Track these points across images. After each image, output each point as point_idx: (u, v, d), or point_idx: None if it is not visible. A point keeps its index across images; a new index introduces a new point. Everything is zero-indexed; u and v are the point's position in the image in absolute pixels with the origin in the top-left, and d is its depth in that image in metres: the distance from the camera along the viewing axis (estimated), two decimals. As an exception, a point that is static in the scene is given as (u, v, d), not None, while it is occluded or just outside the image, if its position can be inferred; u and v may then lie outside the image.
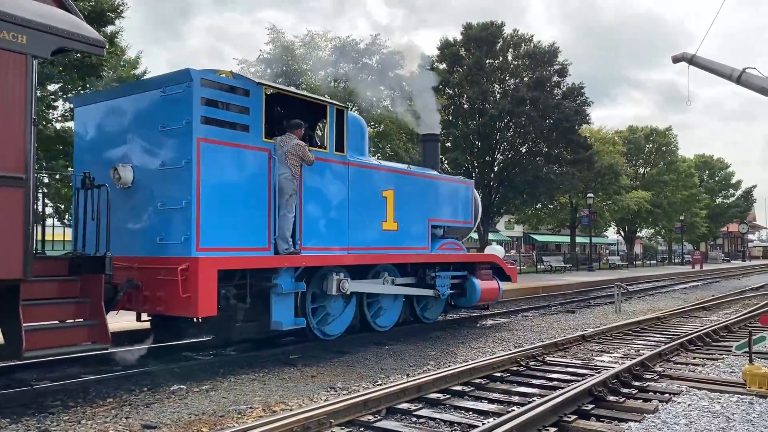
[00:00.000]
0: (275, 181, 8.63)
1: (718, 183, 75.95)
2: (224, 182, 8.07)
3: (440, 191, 12.42)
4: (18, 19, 5.92)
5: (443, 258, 12.31)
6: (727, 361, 9.11)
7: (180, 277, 7.40)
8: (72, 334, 6.67)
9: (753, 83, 16.41)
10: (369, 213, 10.53)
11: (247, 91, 8.47)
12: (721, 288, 26.85)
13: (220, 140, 8.03)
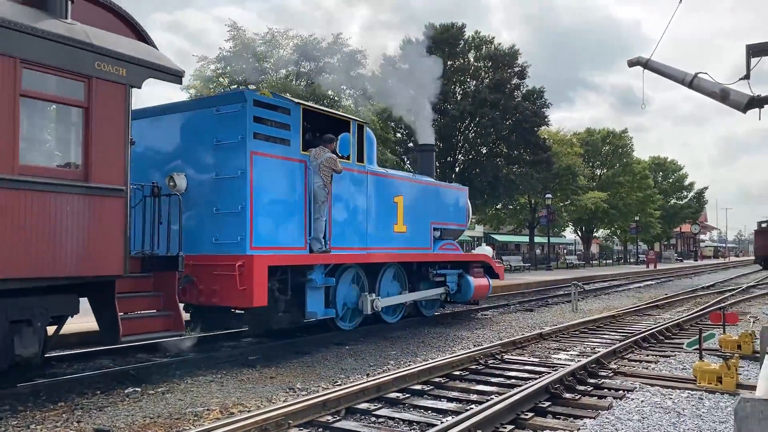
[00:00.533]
0: (310, 188, 9.83)
1: (671, 185, 77.99)
2: (271, 190, 9.26)
3: (440, 196, 13.83)
4: (119, 55, 6.99)
5: (444, 257, 13.52)
6: (679, 357, 9.36)
7: (237, 272, 8.45)
8: (154, 323, 7.74)
9: (704, 87, 16.91)
10: (383, 217, 11.83)
11: (288, 109, 9.68)
12: (674, 287, 27.59)
13: (267, 153, 9.20)
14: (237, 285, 8.46)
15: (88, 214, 6.76)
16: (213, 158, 9.18)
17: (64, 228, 6.55)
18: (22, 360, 6.63)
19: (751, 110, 16.34)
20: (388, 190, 12.06)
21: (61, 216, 6.53)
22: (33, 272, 6.30)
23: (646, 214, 62.64)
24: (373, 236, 11.48)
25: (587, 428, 5.73)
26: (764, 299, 20.39)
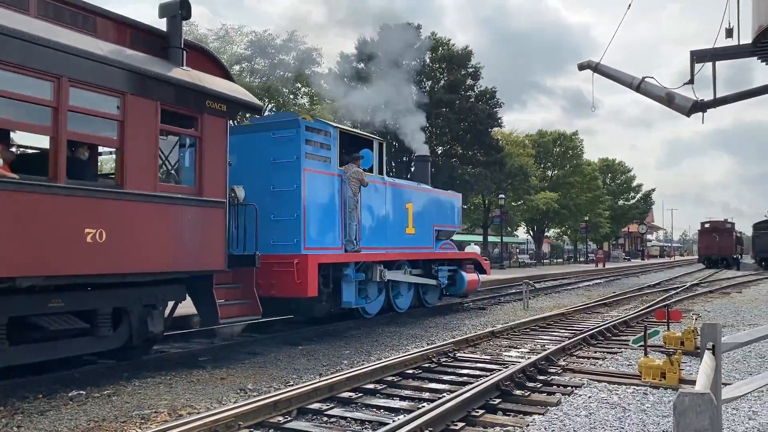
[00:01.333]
0: (344, 198, 11.74)
1: (619, 186, 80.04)
2: (317, 200, 11.14)
3: (439, 202, 15.97)
4: (221, 94, 8.81)
5: (443, 255, 15.58)
6: (625, 354, 9.61)
7: (295, 269, 10.34)
8: (240, 308, 9.40)
9: (651, 91, 17.42)
10: (398, 221, 13.84)
11: (328, 132, 11.62)
12: (621, 285, 28.32)
13: (314, 169, 11.11)
14: (295, 279, 10.37)
15: (200, 222, 8.52)
16: (270, 173, 10.93)
17: (185, 232, 8.29)
18: (153, 336, 8.41)
19: (694, 114, 16.92)
20: (401, 197, 14.13)
21: (183, 223, 8.29)
22: (163, 267, 8.12)
23: (596, 214, 64.17)
24: (391, 237, 13.54)
25: (536, 424, 5.82)
26: (707, 297, 21.14)
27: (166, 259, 8.06)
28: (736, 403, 6.39)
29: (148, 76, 7.80)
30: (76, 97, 7.07)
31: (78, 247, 7.00)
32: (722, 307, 17.39)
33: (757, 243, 49.27)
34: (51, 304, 7.10)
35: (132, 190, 7.60)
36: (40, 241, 6.67)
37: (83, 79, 7.14)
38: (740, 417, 6.09)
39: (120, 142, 7.58)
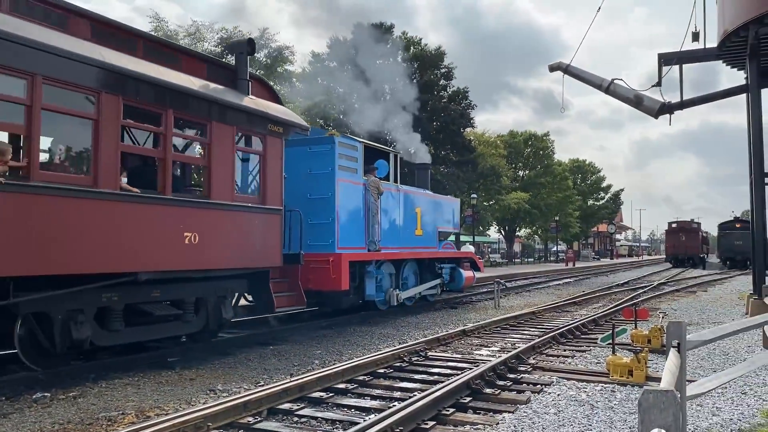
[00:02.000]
0: (367, 203, 13.53)
1: (589, 186, 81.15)
2: (347, 206, 12.93)
3: (442, 207, 17.92)
4: (279, 118, 10.51)
5: (445, 254, 17.51)
6: (594, 352, 9.74)
7: (330, 265, 12.04)
8: (288, 299, 10.98)
9: (620, 93, 17.67)
10: (409, 224, 15.63)
11: (355, 146, 13.41)
12: (591, 284, 28.72)
13: (345, 179, 12.88)
14: (330, 274, 12.03)
15: (263, 226, 10.11)
16: (307, 183, 12.51)
17: (251, 235, 9.88)
18: (225, 321, 10.13)
19: (662, 116, 17.22)
20: (412, 203, 15.96)
21: (250, 227, 9.88)
22: (235, 264, 9.73)
23: (566, 214, 64.96)
24: (403, 238, 15.36)
25: (506, 422, 5.87)
26: (673, 296, 21.55)
27: (237, 257, 9.74)
28: (700, 400, 6.52)
29: (227, 106, 9.46)
30: (177, 126, 9.07)
31: (179, 248, 8.63)
32: (688, 305, 17.75)
33: (722, 243, 50.38)
34: (153, 294, 8.76)
35: (216, 201, 9.27)
36: (155, 242, 8.28)
37: (183, 110, 8.86)
38: (704, 413, 6.21)
39: (208, 161, 9.33)
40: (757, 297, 14.31)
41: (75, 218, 7.35)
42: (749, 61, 14.90)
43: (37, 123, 6.91)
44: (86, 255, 7.46)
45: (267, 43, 29.46)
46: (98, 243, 7.56)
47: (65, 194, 7.23)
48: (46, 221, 7.00)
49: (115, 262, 7.81)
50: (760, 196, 14.87)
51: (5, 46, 6.58)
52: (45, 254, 7.00)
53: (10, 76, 6.73)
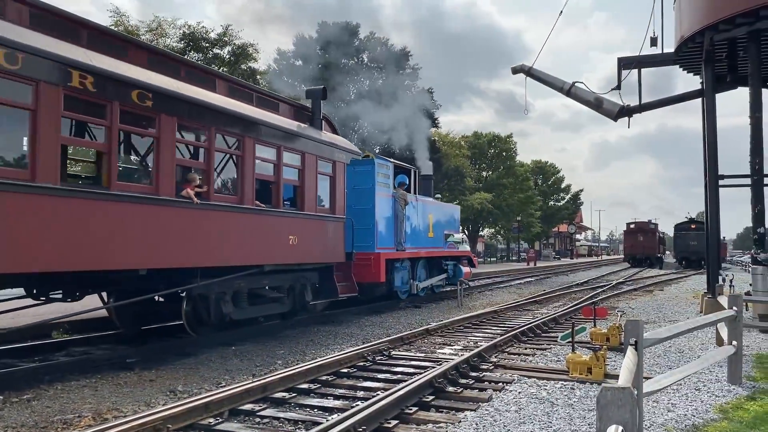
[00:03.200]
0: (396, 212, 16.78)
1: (550, 187, 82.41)
2: (383, 214, 16.11)
3: (446, 212, 21.76)
4: (343, 147, 13.59)
5: (450, 253, 20.93)
6: (554, 350, 9.89)
7: (372, 262, 15.15)
8: (345, 288, 13.98)
9: (580, 96, 17.98)
10: (424, 228, 19.06)
11: (388, 165, 16.74)
12: (551, 283, 29.16)
13: (381, 193, 16.09)
14: (372, 269, 15.16)
15: (333, 231, 13.30)
16: (352, 196, 15.01)
17: (325, 238, 12.99)
18: (307, 304, 13.08)
19: (621, 118, 17.58)
20: (426, 210, 19.51)
21: (325, 232, 13.02)
22: (316, 260, 12.88)
23: (528, 215, 65.81)
24: (420, 240, 18.70)
25: (468, 420, 5.92)
26: (631, 295, 22.03)
27: (318, 254, 12.86)
28: (656, 396, 6.68)
29: (311, 140, 12.56)
30: (283, 157, 11.77)
31: (287, 247, 11.77)
32: (645, 304, 18.16)
33: (678, 243, 51.70)
34: (263, 282, 11.74)
35: (306, 212, 12.40)
36: (273, 243, 11.42)
37: (288, 146, 11.90)
38: (660, 409, 6.37)
39: (301, 182, 12.34)
40: (710, 296, 14.72)
41: (232, 224, 10.35)
42: (705, 66, 15.32)
43: (211, 161, 10.05)
44: (237, 252, 10.44)
45: (231, 40, 29.11)
46: (244, 243, 10.61)
47: (226, 210, 10.28)
48: (217, 227, 9.98)
49: (252, 258, 10.88)
50: (715, 198, 15.30)
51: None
52: (217, 251, 9.96)
53: (228, 134, 10.47)
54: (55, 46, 7.49)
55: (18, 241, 7.00)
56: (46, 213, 7.32)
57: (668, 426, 5.76)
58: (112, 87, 8.13)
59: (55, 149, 7.46)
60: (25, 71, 7.06)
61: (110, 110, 8.14)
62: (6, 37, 6.86)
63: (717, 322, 7.82)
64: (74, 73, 7.63)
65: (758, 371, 8.35)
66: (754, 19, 13.22)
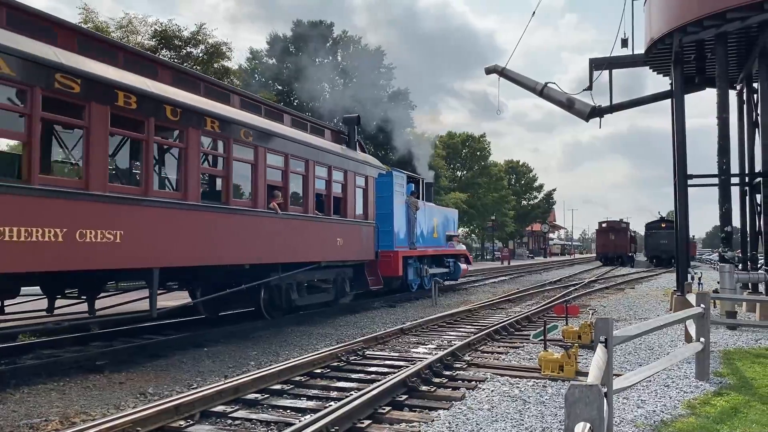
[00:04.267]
0: (409, 216, 19.38)
1: (524, 186, 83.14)
2: (399, 219, 18.61)
3: (447, 216, 25.00)
4: (373, 165, 16.95)
5: (450, 251, 23.87)
6: (527, 348, 9.97)
7: (392, 259, 17.74)
8: (373, 281, 16.81)
9: (553, 96, 18.16)
10: (430, 230, 21.86)
11: (403, 176, 19.56)
12: (525, 282, 29.40)
13: (397, 200, 18.65)
14: (392, 265, 17.81)
15: (365, 234, 16.07)
16: (377, 203, 17.39)
17: (360, 239, 15.72)
18: (346, 294, 16.05)
19: (593, 119, 17.79)
20: (432, 214, 22.47)
21: (361, 234, 15.84)
22: (354, 257, 15.59)
23: (502, 214, 66.35)
24: (427, 240, 21.54)
25: (441, 419, 5.93)
26: (603, 293, 22.31)
27: (355, 253, 15.80)
28: (626, 393, 6.77)
29: (352, 160, 15.62)
30: (333, 175, 14.69)
31: (336, 247, 14.70)
32: (617, 302, 18.41)
33: (648, 242, 52.51)
34: (316, 275, 14.45)
35: (348, 219, 15.33)
36: (327, 243, 14.27)
37: (336, 166, 14.78)
38: (630, 406, 6.45)
39: (344, 195, 15.26)
40: (680, 294, 14.98)
41: (302, 230, 13.37)
42: (674, 67, 15.58)
43: (287, 181, 12.87)
44: (306, 251, 13.54)
45: (204, 39, 28.80)
46: (310, 244, 13.65)
47: (298, 219, 13.24)
48: (292, 232, 12.97)
49: (314, 255, 13.85)
50: (684, 197, 15.57)
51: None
52: (291, 250, 12.99)
53: (297, 159, 13.27)
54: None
55: (192, 243, 10.11)
56: (177, 220, 9.86)
57: (638, 422, 5.84)
58: (261, 138, 11.90)
59: (193, 174, 10.24)
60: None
61: (257, 153, 11.85)
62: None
63: (685, 320, 7.95)
64: (240, 130, 11.34)
65: (725, 367, 8.51)
66: (721, 21, 13.49)
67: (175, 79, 10.26)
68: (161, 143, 10.52)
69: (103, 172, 8.50)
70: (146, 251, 9.11)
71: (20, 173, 7.68)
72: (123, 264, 8.82)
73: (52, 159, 10.42)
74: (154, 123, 9.32)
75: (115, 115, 8.64)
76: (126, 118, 8.91)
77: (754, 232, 16.65)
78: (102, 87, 8.40)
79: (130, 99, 8.85)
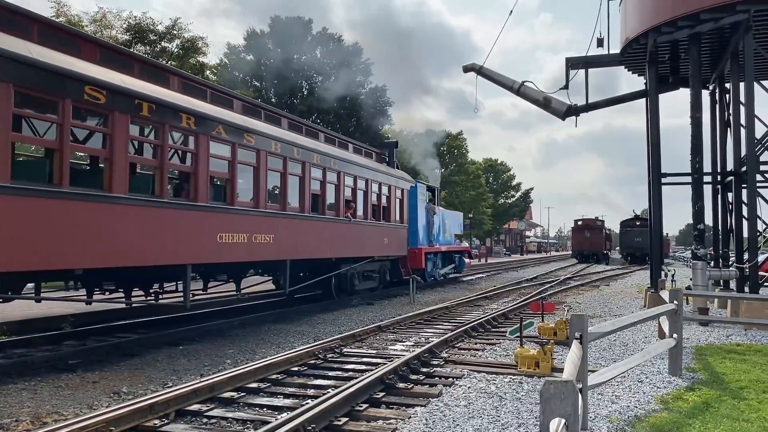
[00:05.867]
0: (428, 219, 23.48)
1: (501, 185, 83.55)
2: (421, 221, 22.81)
3: (455, 218, 29.34)
4: (406, 178, 21.67)
5: (458, 248, 28.49)
6: (504, 345, 10.03)
7: (417, 254, 22.21)
8: (404, 272, 21.37)
9: (530, 95, 18.26)
10: (442, 230, 25.61)
11: (424, 186, 24.22)
12: (502, 279, 29.60)
13: (420, 206, 22.97)
14: (417, 259, 21.71)
15: (401, 234, 20.71)
16: (409, 208, 21.61)
17: (398, 238, 20.30)
18: (386, 282, 20.78)
19: (569, 117, 17.94)
20: (444, 217, 26.37)
21: (398, 235, 20.39)
22: (394, 252, 20.23)
23: (479, 212, 66.60)
24: (441, 239, 25.46)
25: (418, 416, 5.94)
26: (578, 290, 22.55)
27: (395, 249, 19.85)
28: (601, 389, 6.84)
29: (392, 176, 19.82)
30: (381, 189, 19.01)
31: (382, 245, 18.86)
32: (592, 299, 18.62)
33: (623, 240, 53.22)
34: (367, 267, 18.47)
35: (390, 222, 19.53)
36: (377, 243, 18.39)
37: (383, 182, 19.02)
38: (604, 401, 6.52)
39: (388, 204, 19.42)
40: (654, 290, 15.19)
41: (365, 232, 17.49)
42: (648, 67, 15.78)
43: (356, 195, 17.08)
44: (369, 248, 17.85)
45: (179, 33, 28.47)
46: (370, 242, 17.74)
47: (363, 224, 17.35)
48: (359, 234, 16.90)
49: (371, 251, 18.11)
50: (657, 195, 15.78)
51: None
52: (359, 247, 17.01)
53: (361, 179, 17.51)
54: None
55: (311, 242, 14.56)
56: (300, 226, 14.06)
57: (612, 417, 5.91)
58: (341, 165, 16.15)
59: (307, 194, 14.41)
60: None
61: (339, 177, 16.06)
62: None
63: (659, 316, 8.06)
64: (330, 161, 15.56)
65: (697, 363, 8.65)
66: (694, 22, 13.69)
67: (292, 126, 14.41)
68: (296, 176, 13.96)
69: (265, 197, 12.54)
70: (284, 249, 13.19)
71: (229, 201, 11.62)
72: (274, 257, 12.89)
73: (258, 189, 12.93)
74: (290, 162, 13.59)
75: (292, 161, 13.63)
76: (285, 159, 13.36)
77: (726, 229, 16.94)
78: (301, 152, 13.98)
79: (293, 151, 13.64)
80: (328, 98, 33.68)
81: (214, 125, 10.83)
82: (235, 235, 11.40)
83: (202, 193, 10.52)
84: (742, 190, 14.79)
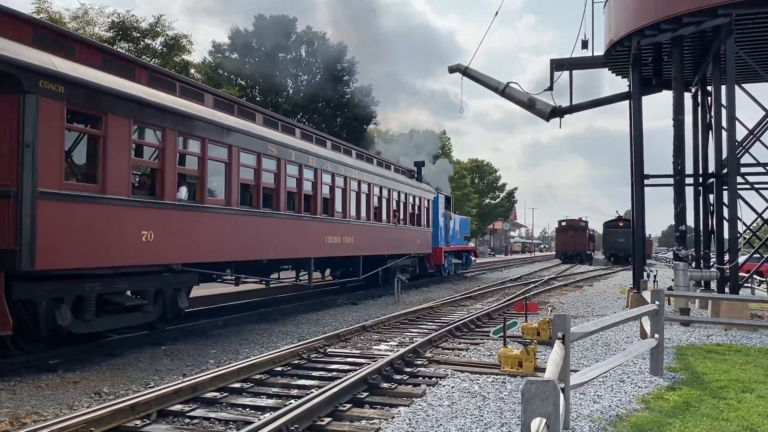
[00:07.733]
0: (445, 224, 28.90)
1: (486, 185, 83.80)
2: (440, 225, 28.12)
3: (464, 222, 33.99)
4: (432, 191, 27.28)
5: (466, 248, 33.08)
6: (487, 344, 10.07)
7: (438, 252, 27.41)
8: (429, 267, 27.28)
9: (514, 96, 18.34)
10: (455, 232, 30.56)
11: (444, 196, 29.97)
12: (486, 279, 29.74)
13: (440, 212, 28.49)
14: (437, 257, 27.04)
15: (427, 236, 25.96)
16: (432, 215, 26.76)
17: (425, 239, 25.49)
18: (414, 274, 25.05)
19: (553, 119, 18.05)
20: (456, 221, 30.76)
21: (425, 236, 25.53)
22: (420, 250, 24.96)
23: (464, 212, 66.78)
24: (454, 240, 29.88)
25: (401, 416, 5.94)
26: (562, 290, 22.69)
27: (423, 247, 24.93)
28: (583, 388, 6.89)
29: (421, 189, 25.28)
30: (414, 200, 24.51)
31: (415, 244, 24.10)
32: (575, 299, 18.74)
33: (606, 240, 53.61)
34: (403, 262, 23.24)
35: (420, 226, 24.76)
36: (413, 242, 23.80)
37: (416, 195, 24.60)
38: (586, 401, 6.57)
39: (419, 212, 24.86)
40: (636, 291, 15.32)
41: (405, 234, 22.66)
42: (632, 69, 15.91)
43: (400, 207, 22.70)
44: (409, 247, 23.22)
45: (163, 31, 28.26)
46: (408, 242, 22.96)
47: (403, 228, 22.53)
48: (401, 236, 22.28)
49: (408, 249, 23.18)
50: (640, 196, 15.92)
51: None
52: (401, 246, 22.44)
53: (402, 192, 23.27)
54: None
55: (374, 242, 19.80)
56: (368, 231, 19.27)
57: (594, 417, 5.95)
58: (389, 182, 21.21)
59: (372, 206, 19.76)
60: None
61: (390, 193, 21.41)
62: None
63: (641, 316, 8.13)
64: (377, 179, 20.19)
65: (678, 363, 8.74)
66: (677, 25, 13.83)
67: (359, 156, 19.47)
68: (364, 193, 18.98)
69: (349, 209, 17.81)
70: (361, 247, 18.34)
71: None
72: (355, 252, 18.05)
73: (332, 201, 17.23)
74: (362, 185, 18.90)
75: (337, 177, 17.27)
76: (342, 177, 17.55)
77: (707, 231, 17.14)
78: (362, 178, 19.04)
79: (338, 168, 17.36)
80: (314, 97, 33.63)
81: (325, 163, 16.13)
82: (335, 237, 16.54)
83: (318, 209, 15.69)
84: (723, 191, 14.98)
